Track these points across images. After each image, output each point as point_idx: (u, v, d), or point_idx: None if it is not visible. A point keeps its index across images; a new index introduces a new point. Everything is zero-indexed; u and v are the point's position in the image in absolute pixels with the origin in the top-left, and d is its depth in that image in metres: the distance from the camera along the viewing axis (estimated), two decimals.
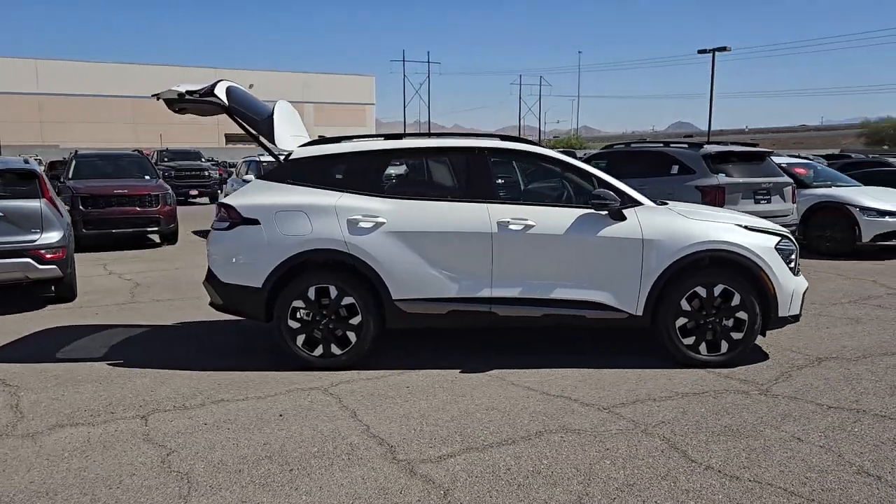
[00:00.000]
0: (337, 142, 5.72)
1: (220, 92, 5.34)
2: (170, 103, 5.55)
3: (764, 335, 5.47)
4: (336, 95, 76.94)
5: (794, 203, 10.46)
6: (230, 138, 63.97)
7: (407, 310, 5.27)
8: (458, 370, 5.29)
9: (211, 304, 5.61)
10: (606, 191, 5.30)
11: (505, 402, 4.62)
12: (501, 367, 5.35)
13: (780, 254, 5.35)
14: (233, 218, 5.36)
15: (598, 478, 3.52)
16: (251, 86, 75.15)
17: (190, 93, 5.32)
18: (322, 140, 5.79)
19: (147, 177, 14.17)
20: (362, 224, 5.24)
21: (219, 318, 6.95)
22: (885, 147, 67.92)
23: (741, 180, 9.67)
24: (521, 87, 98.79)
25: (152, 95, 5.59)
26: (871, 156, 25.17)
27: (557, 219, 5.30)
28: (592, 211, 5.31)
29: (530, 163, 5.73)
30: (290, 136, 5.62)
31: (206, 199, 24.23)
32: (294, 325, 5.30)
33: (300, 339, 5.32)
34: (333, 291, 5.26)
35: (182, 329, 6.71)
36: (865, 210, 11.24)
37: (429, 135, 5.83)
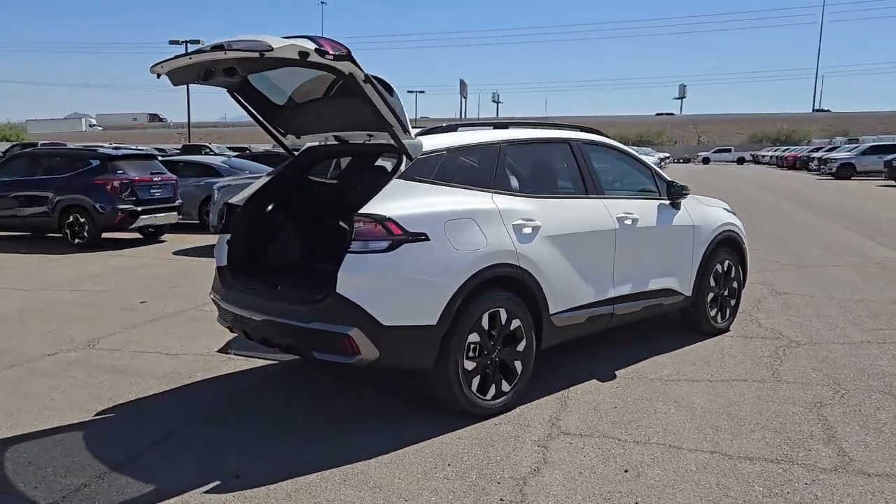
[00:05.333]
0: (452, 130, 4.53)
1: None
2: (248, 64, 3.64)
3: None
4: None
5: None
6: None
7: (558, 324, 4.64)
8: (596, 380, 4.93)
9: (355, 363, 3.85)
10: (675, 181, 5.60)
11: (729, 393, 4.61)
12: (617, 367, 5.18)
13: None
14: (396, 235, 3.82)
15: None
16: None
17: (321, 52, 3.55)
18: (441, 129, 4.50)
19: None
20: (525, 230, 4.39)
21: (165, 387, 4.75)
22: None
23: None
24: None
25: (264, 51, 3.47)
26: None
27: (648, 211, 5.37)
28: (663, 201, 5.55)
29: (610, 155, 5.52)
30: None
31: None
32: (470, 365, 4.12)
33: (475, 382, 4.17)
34: (503, 315, 4.27)
35: (166, 417, 4.29)
36: None
37: (533, 124, 5.08)
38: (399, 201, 3.92)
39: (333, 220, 5.11)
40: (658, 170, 5.73)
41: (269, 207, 4.91)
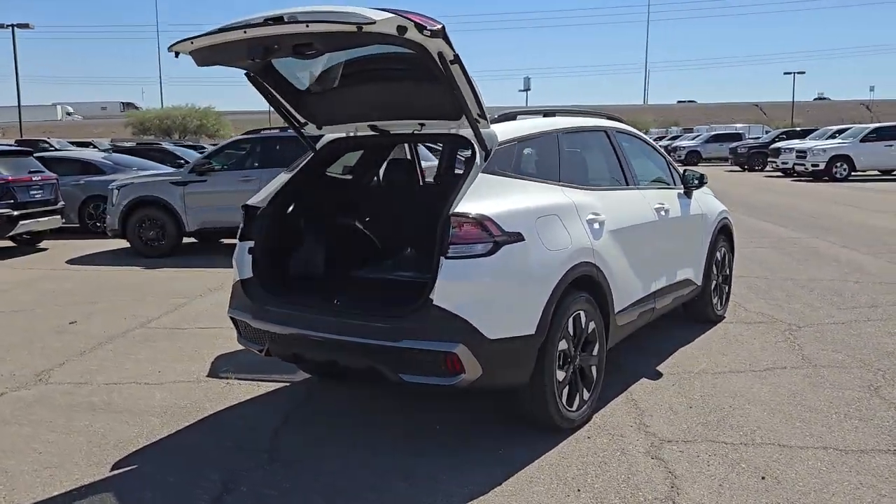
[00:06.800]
0: (512, 119, 4.10)
1: None
2: (331, 40, 3.07)
3: None
4: None
5: None
6: None
7: (620, 323, 4.38)
8: (646, 379, 4.73)
9: (455, 385, 3.33)
10: (688, 170, 5.52)
11: (782, 382, 4.55)
12: (655, 363, 5.01)
13: None
14: (496, 236, 3.37)
15: None
16: None
17: (420, 28, 3.02)
18: (502, 117, 4.04)
19: None
20: (595, 225, 4.08)
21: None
22: (152, 136, 73.25)
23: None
24: None
25: (363, 24, 2.88)
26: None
27: (673, 201, 5.23)
28: (680, 190, 5.44)
29: (633, 143, 5.26)
30: None
31: None
32: (561, 375, 3.76)
33: (564, 393, 3.82)
34: (583, 318, 3.94)
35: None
36: None
37: (573, 112, 4.71)
38: (491, 199, 3.48)
39: (371, 221, 4.54)
40: (670, 158, 5.63)
41: (292, 209, 4.27)
